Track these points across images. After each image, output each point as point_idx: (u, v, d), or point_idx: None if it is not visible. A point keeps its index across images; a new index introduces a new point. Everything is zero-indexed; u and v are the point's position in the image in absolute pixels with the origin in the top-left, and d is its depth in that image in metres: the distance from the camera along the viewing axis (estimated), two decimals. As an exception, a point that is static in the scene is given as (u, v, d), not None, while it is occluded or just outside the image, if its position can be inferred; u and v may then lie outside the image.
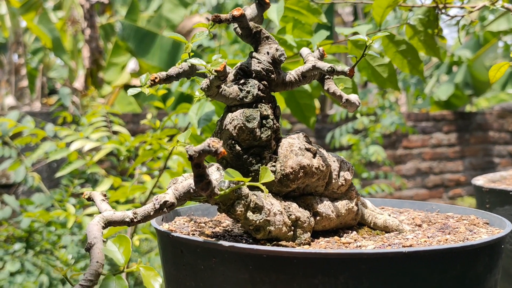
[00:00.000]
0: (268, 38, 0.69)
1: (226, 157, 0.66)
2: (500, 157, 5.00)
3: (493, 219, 0.70)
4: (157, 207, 0.55)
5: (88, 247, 0.49)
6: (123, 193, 1.43)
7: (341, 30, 0.93)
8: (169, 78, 0.66)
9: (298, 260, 0.48)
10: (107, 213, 0.53)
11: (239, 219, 0.59)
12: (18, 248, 2.02)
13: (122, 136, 1.73)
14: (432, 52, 0.95)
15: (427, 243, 0.60)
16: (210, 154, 0.48)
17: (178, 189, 0.57)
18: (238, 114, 0.64)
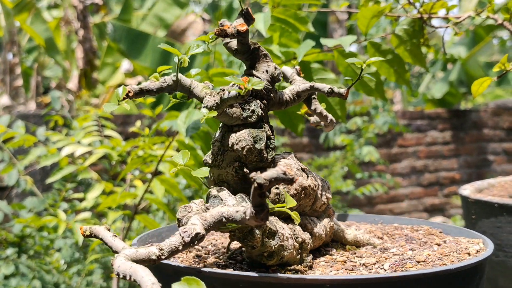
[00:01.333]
0: (266, 56, 0.67)
1: (229, 180, 0.62)
2: (495, 155, 5.01)
3: (445, 228, 0.74)
4: (187, 240, 0.49)
5: None
6: (114, 200, 1.43)
7: (325, 42, 0.93)
8: (148, 92, 0.63)
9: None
10: (130, 252, 0.47)
11: (255, 246, 0.55)
12: (10, 253, 2.02)
13: (114, 140, 1.73)
14: (418, 62, 0.95)
15: (430, 258, 0.60)
16: (285, 182, 0.44)
17: (206, 219, 0.52)
18: (245, 134, 0.61)
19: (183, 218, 0.55)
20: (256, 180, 0.45)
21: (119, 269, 0.45)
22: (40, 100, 6.19)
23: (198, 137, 1.25)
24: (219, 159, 0.62)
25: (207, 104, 0.61)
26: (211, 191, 0.59)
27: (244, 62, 0.67)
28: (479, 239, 0.68)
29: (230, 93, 0.59)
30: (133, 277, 0.43)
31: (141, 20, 4.66)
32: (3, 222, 2.41)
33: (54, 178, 1.64)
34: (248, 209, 0.49)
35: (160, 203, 1.41)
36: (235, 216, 0.52)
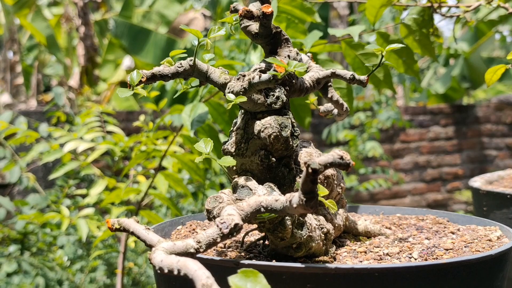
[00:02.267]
0: (288, 40, 0.64)
1: (254, 169, 0.59)
2: (498, 150, 5.00)
3: (451, 217, 0.74)
4: (226, 232, 0.46)
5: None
6: (117, 196, 1.42)
7: (333, 32, 0.91)
8: (162, 77, 0.59)
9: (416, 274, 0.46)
10: (167, 245, 0.44)
11: (285, 238, 0.52)
12: (13, 250, 2.01)
13: (116, 136, 1.71)
14: (427, 52, 0.94)
15: (456, 246, 0.60)
16: (341, 167, 0.42)
17: (243, 209, 0.49)
18: (271, 121, 0.58)
19: (213, 209, 0.52)
20: (310, 166, 0.42)
21: (162, 264, 0.41)
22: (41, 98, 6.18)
23: (203, 131, 1.23)
24: (242, 148, 0.59)
25: (233, 89, 0.58)
26: (238, 181, 0.56)
27: (264, 47, 0.64)
28: (494, 226, 0.67)
29: (262, 77, 0.56)
30: (183, 271, 0.39)
31: (142, 17, 4.64)
32: (6, 219, 2.40)
33: (57, 174, 1.63)
34: (295, 197, 0.46)
35: (164, 198, 1.40)
36: (275, 206, 0.49)
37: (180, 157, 1.36)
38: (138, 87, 0.56)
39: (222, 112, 1.16)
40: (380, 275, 0.46)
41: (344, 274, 0.46)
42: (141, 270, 2.21)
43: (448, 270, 0.48)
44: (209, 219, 0.53)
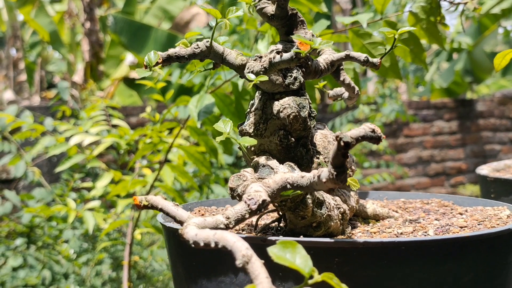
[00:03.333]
0: (303, 22, 0.64)
1: (272, 150, 0.60)
2: (502, 144, 4.99)
3: (456, 199, 0.75)
4: (254, 208, 0.46)
5: (242, 263, 0.36)
6: (124, 187, 1.42)
7: (341, 19, 0.91)
8: (178, 58, 0.58)
9: (435, 247, 0.48)
10: (198, 220, 0.44)
11: (306, 216, 0.53)
12: (19, 244, 2.02)
13: (122, 129, 1.72)
14: (435, 40, 0.94)
15: (469, 224, 0.61)
16: (372, 140, 0.42)
17: (270, 186, 0.50)
18: (290, 102, 0.58)
19: (237, 187, 0.53)
20: (342, 139, 0.42)
21: (196, 237, 0.41)
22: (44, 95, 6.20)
23: (209, 122, 1.24)
24: (261, 128, 0.59)
25: (252, 69, 0.58)
26: (259, 160, 0.56)
27: (279, 29, 0.64)
28: (502, 206, 0.68)
29: (283, 56, 0.56)
30: (221, 244, 0.39)
31: (144, 13, 4.64)
32: (12, 213, 2.41)
33: (63, 167, 1.64)
34: (324, 171, 0.46)
35: (170, 189, 1.40)
36: (301, 182, 0.49)
37: (187, 148, 1.36)
38: (156, 68, 0.56)
39: (229, 103, 1.16)
40: (407, 248, 0.47)
41: (372, 248, 0.47)
42: (146, 264, 2.22)
43: (472, 243, 0.49)
44: (232, 197, 0.53)
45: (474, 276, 0.49)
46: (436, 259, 0.47)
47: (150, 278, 2.15)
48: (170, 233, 0.57)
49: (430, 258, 0.47)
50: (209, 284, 0.52)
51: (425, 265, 0.46)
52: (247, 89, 1.05)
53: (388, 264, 0.46)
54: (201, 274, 0.53)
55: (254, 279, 0.35)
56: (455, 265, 0.47)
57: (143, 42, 3.70)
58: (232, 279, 0.51)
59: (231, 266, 0.50)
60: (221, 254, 0.49)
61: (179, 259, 0.56)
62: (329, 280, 0.37)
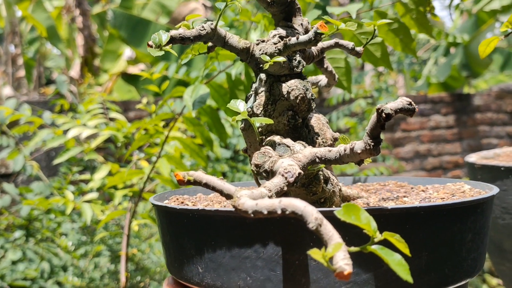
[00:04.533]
0: (300, 10, 0.66)
1: (280, 130, 0.62)
2: (499, 138, 5.01)
3: (410, 180, 0.78)
4: (291, 180, 0.48)
5: (316, 226, 0.38)
6: (120, 179, 1.44)
7: (332, 10, 0.93)
8: (183, 39, 0.58)
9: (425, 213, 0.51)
10: (247, 192, 0.45)
11: (317, 192, 0.55)
12: (18, 236, 2.04)
13: (119, 122, 1.73)
14: (424, 30, 0.95)
15: (445, 196, 0.64)
16: (408, 113, 0.45)
17: (301, 160, 0.52)
18: (297, 83, 0.61)
19: (264, 163, 0.54)
20: (384, 111, 0.45)
21: (257, 207, 0.41)
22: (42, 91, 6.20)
23: (205, 112, 1.25)
24: (269, 109, 0.61)
25: (266, 50, 0.59)
26: (274, 139, 0.58)
27: (277, 15, 0.66)
28: (459, 182, 0.71)
29: (300, 38, 0.57)
30: (289, 210, 0.39)
31: (142, 9, 4.65)
32: (10, 206, 2.43)
33: (61, 159, 1.66)
34: (358, 143, 0.49)
35: (167, 180, 1.42)
36: (329, 156, 0.52)
37: (183, 140, 1.38)
38: (167, 47, 0.56)
39: (223, 93, 1.18)
40: (426, 212, 0.50)
41: (397, 214, 0.49)
42: (144, 256, 2.24)
43: (473, 206, 0.53)
44: (258, 173, 0.54)
45: (472, 235, 0.54)
46: (448, 222, 0.51)
47: (148, 270, 2.18)
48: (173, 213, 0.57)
49: (443, 221, 0.51)
50: (231, 260, 0.51)
51: (440, 227, 0.51)
52: (240, 79, 1.06)
53: (411, 228, 0.50)
54: (216, 251, 0.51)
55: (329, 239, 0.37)
56: (462, 226, 0.52)
57: (142, 36, 3.71)
58: (259, 253, 0.50)
59: (259, 237, 0.49)
60: (243, 225, 0.49)
61: (186, 235, 0.55)
62: (390, 238, 0.40)
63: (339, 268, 0.35)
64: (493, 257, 0.93)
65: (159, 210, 0.61)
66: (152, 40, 0.56)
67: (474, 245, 0.54)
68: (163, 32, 0.57)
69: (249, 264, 0.50)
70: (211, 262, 0.52)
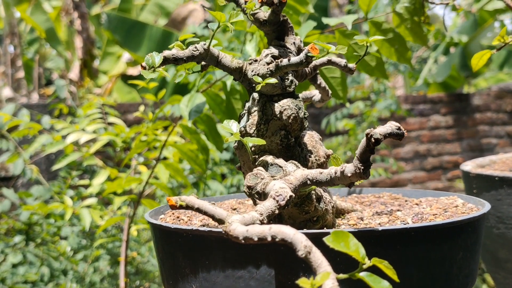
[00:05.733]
0: (292, 29, 0.67)
1: (273, 149, 0.62)
2: (498, 138, 5.01)
3: (404, 192, 0.78)
4: (283, 203, 0.49)
5: (305, 253, 0.39)
6: (119, 185, 1.45)
7: (327, 21, 0.93)
8: (176, 60, 0.59)
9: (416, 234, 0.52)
10: (238, 217, 0.45)
11: (309, 211, 0.55)
12: (18, 241, 2.05)
13: (118, 127, 1.74)
14: (419, 40, 0.96)
15: (437, 212, 0.64)
16: (396, 137, 0.47)
17: (292, 182, 0.53)
18: (289, 103, 0.61)
19: (256, 185, 0.54)
20: (373, 136, 0.46)
21: (248, 233, 0.42)
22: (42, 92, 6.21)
23: (201, 121, 1.26)
24: (262, 129, 0.61)
25: (258, 71, 0.60)
26: (267, 159, 0.59)
27: (269, 34, 0.66)
28: (452, 196, 0.71)
29: (291, 60, 0.58)
30: (279, 237, 0.40)
31: (141, 10, 4.65)
32: (10, 210, 2.44)
33: (60, 164, 1.66)
34: (348, 167, 0.50)
35: (165, 187, 1.43)
36: (320, 178, 0.53)
37: (180, 147, 1.38)
38: (160, 69, 0.56)
39: (219, 102, 1.18)
40: (416, 233, 0.51)
41: (387, 235, 0.50)
42: (143, 259, 2.25)
43: (463, 225, 0.54)
44: (250, 195, 0.55)
45: (463, 254, 0.55)
46: (437, 241, 0.52)
47: (147, 274, 2.18)
48: (162, 231, 0.58)
49: (434, 239, 0.52)
50: (225, 280, 0.51)
51: (430, 246, 0.52)
52: (236, 88, 1.07)
53: (402, 247, 0.51)
54: (210, 270, 0.52)
55: (318, 267, 0.38)
56: (452, 245, 0.53)
57: (138, 39, 3.67)
58: (252, 274, 0.50)
59: (252, 258, 0.50)
60: (235, 247, 0.49)
61: (181, 254, 0.55)
62: (379, 265, 0.41)
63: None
64: (488, 265, 0.93)
65: (154, 227, 0.61)
66: (146, 62, 0.56)
67: (465, 262, 0.54)
68: (156, 54, 0.57)
69: (243, 284, 0.50)
70: (205, 281, 0.52)
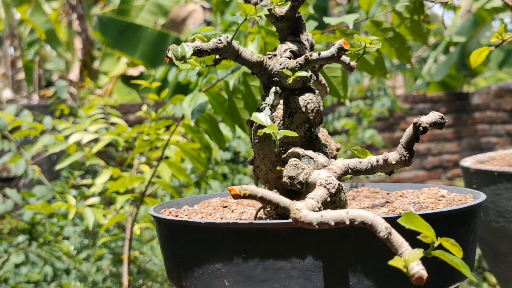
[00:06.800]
0: (305, 26, 0.69)
1: (296, 142, 0.63)
2: (498, 137, 5.02)
3: (382, 186, 0.79)
4: (333, 191, 0.51)
5: (386, 234, 0.41)
6: (122, 184, 1.46)
7: (328, 20, 0.95)
8: (200, 52, 0.59)
9: None
10: (303, 204, 0.46)
11: (335, 201, 0.56)
12: (21, 240, 2.06)
13: (120, 127, 1.75)
14: (419, 38, 0.97)
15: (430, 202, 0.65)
16: (440, 126, 0.49)
17: (336, 171, 0.55)
18: (311, 97, 0.63)
19: (298, 175, 0.56)
20: (421, 125, 0.49)
21: (323, 218, 0.43)
22: (42, 94, 6.22)
23: (204, 120, 1.27)
24: (287, 122, 0.62)
25: (287, 65, 0.61)
26: (298, 151, 0.60)
27: (283, 30, 0.67)
28: (433, 187, 0.72)
29: (322, 54, 0.59)
30: (359, 220, 0.42)
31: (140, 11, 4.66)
32: (13, 210, 2.45)
33: (63, 164, 1.67)
34: (392, 154, 0.52)
35: (168, 185, 1.44)
36: (360, 166, 0.56)
37: (182, 145, 1.39)
38: (191, 59, 0.56)
39: (222, 101, 1.19)
40: (430, 219, 0.51)
41: (426, 219, 0.51)
42: (146, 258, 2.26)
43: (471, 211, 0.55)
44: (292, 185, 0.56)
45: (473, 236, 0.56)
46: (457, 226, 0.53)
47: (150, 273, 2.19)
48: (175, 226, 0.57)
49: (454, 225, 0.53)
50: (264, 273, 0.50)
51: (452, 231, 0.53)
52: (238, 87, 1.08)
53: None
54: (248, 262, 0.51)
55: (400, 246, 0.40)
56: (468, 229, 0.55)
57: (131, 41, 3.62)
58: (295, 264, 0.50)
59: (295, 249, 0.49)
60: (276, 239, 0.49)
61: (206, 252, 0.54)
62: (445, 243, 0.43)
63: (417, 274, 0.37)
64: (488, 259, 0.94)
65: (173, 224, 0.60)
66: (173, 52, 0.56)
67: (474, 245, 0.57)
68: (186, 45, 0.57)
69: (284, 275, 0.50)
70: (239, 276, 0.52)
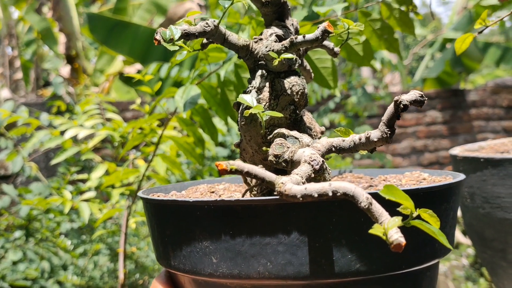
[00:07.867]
0: (289, 11, 0.69)
1: (282, 123, 0.64)
2: (495, 133, 5.04)
3: (366, 172, 0.80)
4: (317, 168, 0.52)
5: (367, 204, 0.42)
6: (117, 177, 1.47)
7: (318, 9, 0.96)
8: (188, 36, 0.59)
9: None
10: (288, 178, 0.47)
11: (320, 180, 0.56)
12: (18, 236, 2.07)
13: (115, 122, 1.76)
14: (407, 29, 0.98)
15: (414, 183, 0.67)
16: (419, 104, 0.50)
17: (320, 149, 0.56)
18: (297, 80, 0.64)
19: (284, 153, 0.57)
20: (402, 102, 0.50)
21: (307, 191, 0.44)
22: (40, 93, 6.22)
23: (197, 112, 1.28)
24: (272, 104, 0.63)
25: (272, 47, 0.62)
26: (283, 131, 0.61)
27: (269, 15, 0.68)
28: (414, 171, 0.73)
29: (306, 37, 0.59)
30: (340, 191, 0.43)
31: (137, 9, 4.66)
32: (10, 207, 2.46)
33: (58, 159, 1.68)
34: (374, 132, 0.54)
35: (163, 179, 1.45)
36: (343, 145, 0.57)
37: (177, 139, 1.40)
38: (179, 42, 0.57)
39: (214, 94, 1.20)
40: (418, 194, 0.52)
41: (379, 199, 0.52)
42: (142, 254, 2.27)
43: (453, 188, 0.57)
44: (277, 163, 0.57)
45: (453, 213, 0.58)
46: (437, 202, 0.55)
47: (147, 268, 2.21)
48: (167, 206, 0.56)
49: (434, 201, 0.54)
50: (251, 248, 0.51)
51: (433, 207, 0.53)
52: (230, 79, 1.09)
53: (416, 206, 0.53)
54: (236, 238, 0.51)
55: (380, 216, 0.42)
56: (447, 206, 0.56)
57: (121, 38, 3.61)
58: (281, 239, 0.50)
59: (281, 225, 0.50)
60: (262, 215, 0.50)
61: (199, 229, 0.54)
62: (423, 213, 0.44)
63: (395, 241, 0.39)
64: (476, 245, 0.96)
65: (161, 205, 0.58)
66: (162, 35, 0.56)
67: (454, 222, 0.58)
68: (174, 27, 0.58)
69: (270, 250, 0.51)
70: (227, 252, 0.52)
